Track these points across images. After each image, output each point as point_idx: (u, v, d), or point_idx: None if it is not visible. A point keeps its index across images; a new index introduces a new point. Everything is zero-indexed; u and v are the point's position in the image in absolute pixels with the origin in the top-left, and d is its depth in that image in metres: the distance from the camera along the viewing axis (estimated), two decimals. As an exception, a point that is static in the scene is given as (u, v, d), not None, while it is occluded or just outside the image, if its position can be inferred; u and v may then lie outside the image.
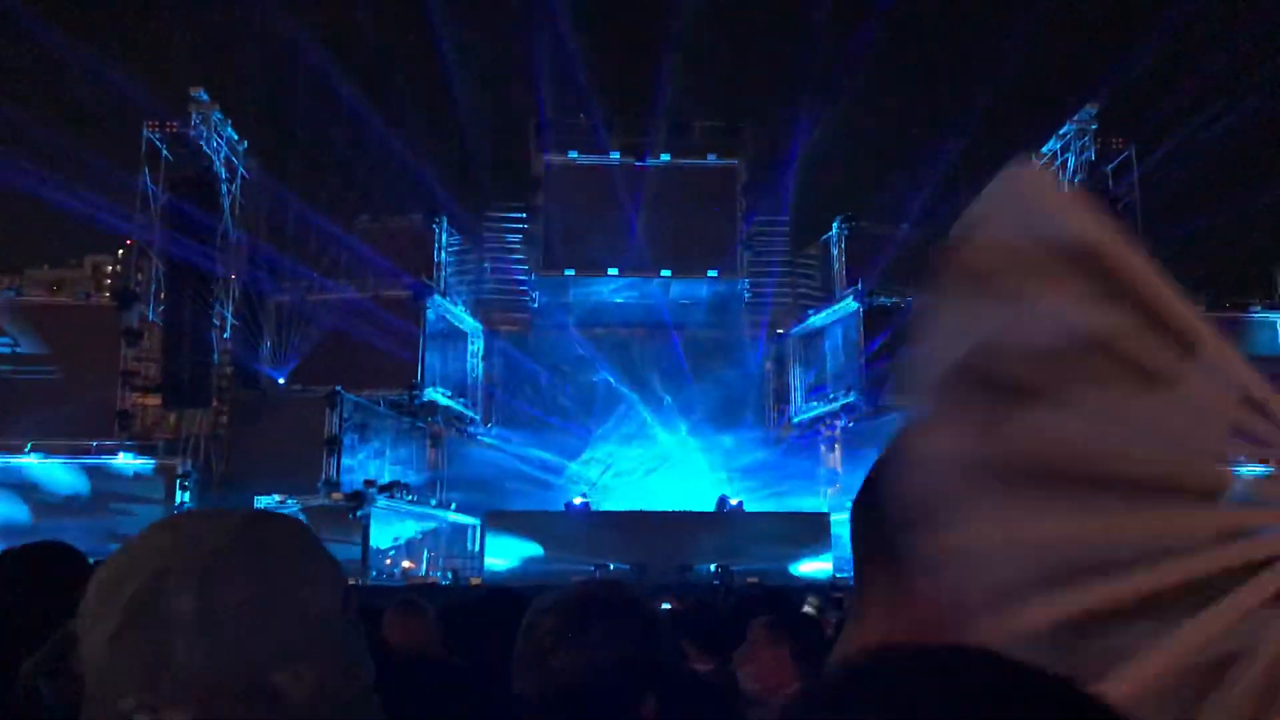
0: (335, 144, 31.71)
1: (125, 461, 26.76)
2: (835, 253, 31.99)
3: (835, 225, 31.99)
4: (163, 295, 27.70)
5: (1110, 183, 29.02)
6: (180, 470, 26.37)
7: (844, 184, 33.53)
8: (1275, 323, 29.80)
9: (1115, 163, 29.19)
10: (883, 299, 29.57)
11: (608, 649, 2.20)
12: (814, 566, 25.19)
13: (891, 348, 29.04)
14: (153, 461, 26.85)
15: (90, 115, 29.75)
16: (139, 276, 28.96)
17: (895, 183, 32.83)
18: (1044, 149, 30.45)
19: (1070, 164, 29.39)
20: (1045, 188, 0.86)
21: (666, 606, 10.30)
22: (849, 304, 30.14)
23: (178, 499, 26.04)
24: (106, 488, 26.20)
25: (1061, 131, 29.64)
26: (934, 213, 31.84)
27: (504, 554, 25.53)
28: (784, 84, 33.21)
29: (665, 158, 32.06)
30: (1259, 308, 30.03)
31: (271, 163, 30.86)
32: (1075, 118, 29.24)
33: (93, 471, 26.50)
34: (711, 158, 32.35)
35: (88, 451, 26.79)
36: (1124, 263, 0.81)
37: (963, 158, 31.72)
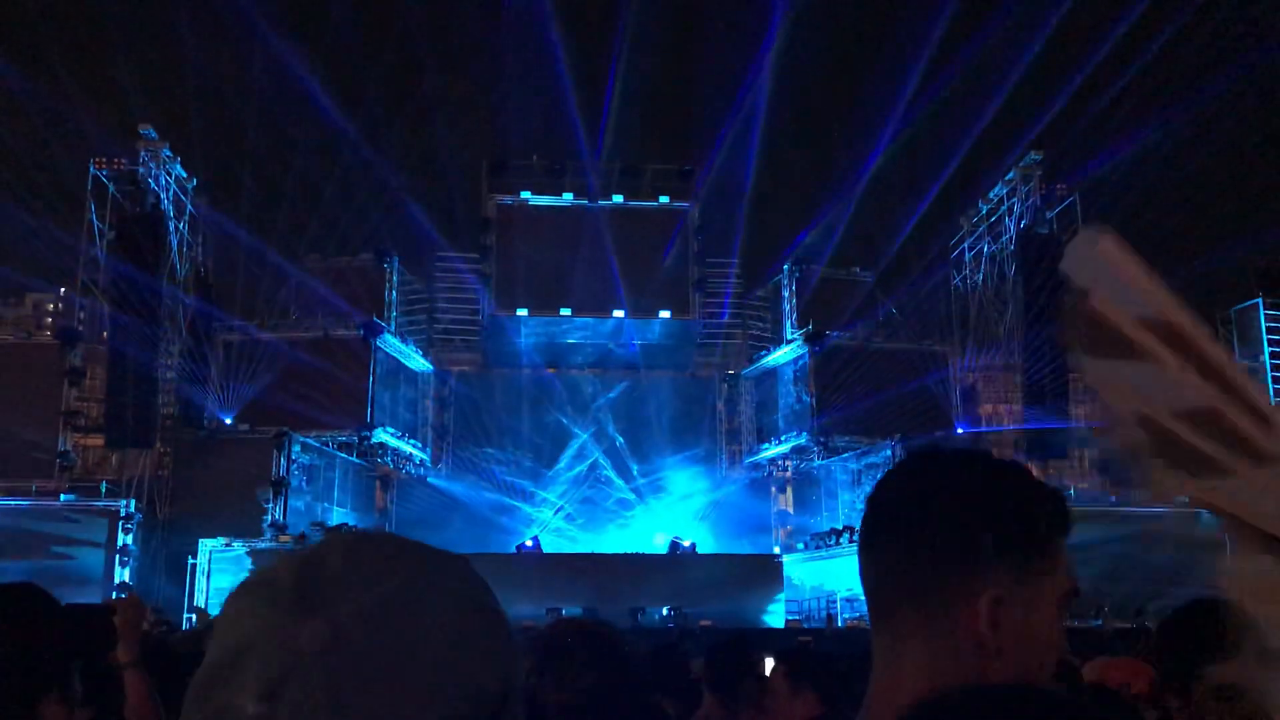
0: (286, 183, 31.55)
1: (66, 503, 26.16)
2: (785, 294, 32.23)
3: (785, 267, 32.26)
4: (106, 334, 27.28)
5: (1055, 227, 29.53)
6: (122, 512, 25.83)
7: (794, 227, 33.84)
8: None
9: (1059, 208, 29.71)
10: (833, 340, 29.81)
11: (586, 679, 2.20)
12: (768, 609, 25.17)
13: (840, 389, 29.28)
14: (94, 503, 26.27)
15: (34, 151, 29.34)
16: (82, 315, 28.50)
17: (844, 226, 33.20)
18: (990, 193, 30.97)
19: (1015, 209, 29.89)
20: (1123, 260, 0.89)
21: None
22: (799, 345, 30.33)
23: (120, 542, 25.51)
24: (46, 530, 25.60)
25: (1007, 177, 30.15)
26: (881, 256, 32.30)
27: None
28: (734, 127, 33.51)
29: (617, 199, 32.20)
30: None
31: (221, 201, 30.63)
32: (1020, 163, 29.76)
33: (32, 513, 25.88)
34: (663, 200, 32.54)
35: (27, 493, 26.19)
36: (1200, 340, 0.85)
37: (910, 202, 32.22)
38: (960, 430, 30.08)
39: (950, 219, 32.80)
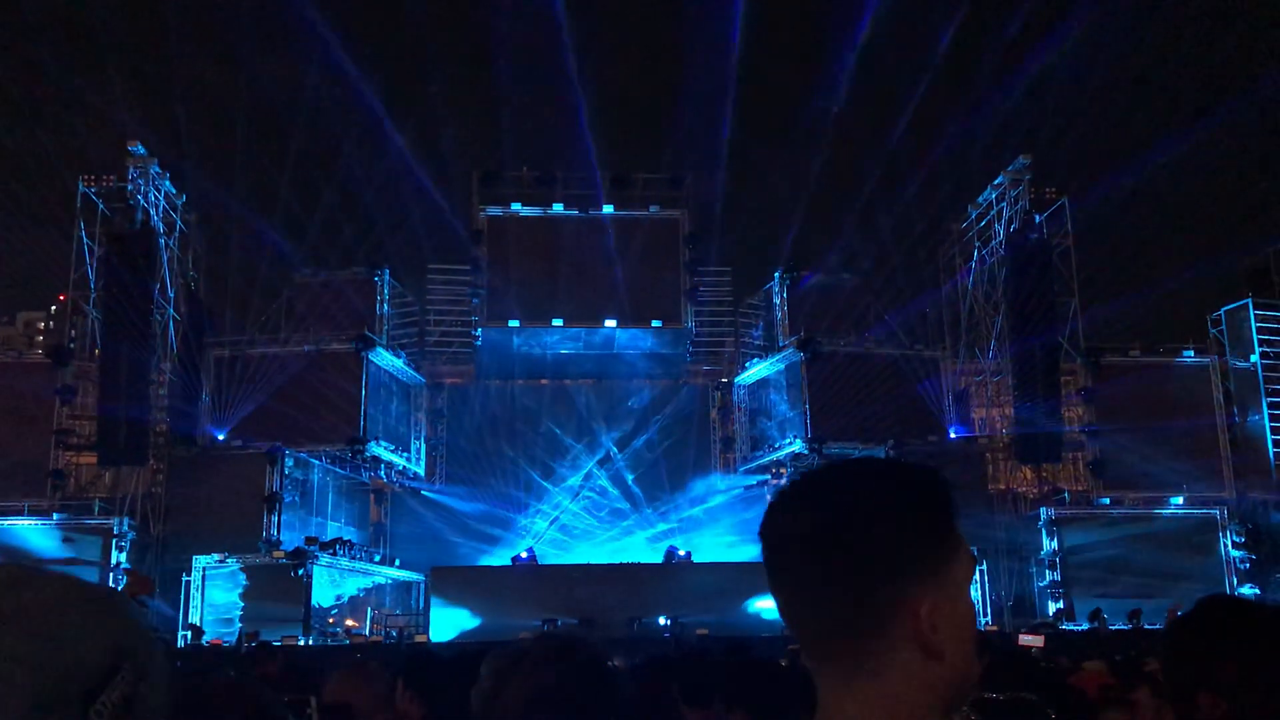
0: (276, 197, 31.51)
1: (59, 522, 26.07)
2: (777, 302, 32.24)
3: (776, 275, 32.28)
4: (98, 352, 27.22)
5: (1044, 231, 29.60)
6: (116, 530, 25.75)
7: (784, 235, 33.88)
8: (1207, 366, 30.45)
9: (1049, 211, 29.79)
10: (825, 346, 29.81)
11: (554, 702, 2.19)
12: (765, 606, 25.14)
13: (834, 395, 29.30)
14: (87, 521, 26.18)
15: (21, 168, 29.31)
16: (73, 333, 28.43)
17: (835, 233, 33.29)
18: (979, 198, 31.05)
19: (1005, 213, 29.96)
20: None
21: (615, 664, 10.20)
22: (792, 352, 30.33)
23: (114, 559, 25.42)
24: (40, 550, 25.50)
25: (996, 181, 30.22)
26: (874, 261, 32.34)
27: (450, 610, 25.16)
28: (725, 137, 33.60)
29: (608, 209, 32.20)
30: (1191, 352, 30.68)
31: (211, 216, 30.59)
32: (1009, 168, 29.83)
33: (25, 533, 25.79)
34: (654, 209, 32.55)
35: (19, 512, 26.10)
36: None
37: (901, 207, 32.30)
38: (953, 434, 30.10)
39: (941, 224, 32.90)
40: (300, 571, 24.87)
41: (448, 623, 24.89)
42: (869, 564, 1.28)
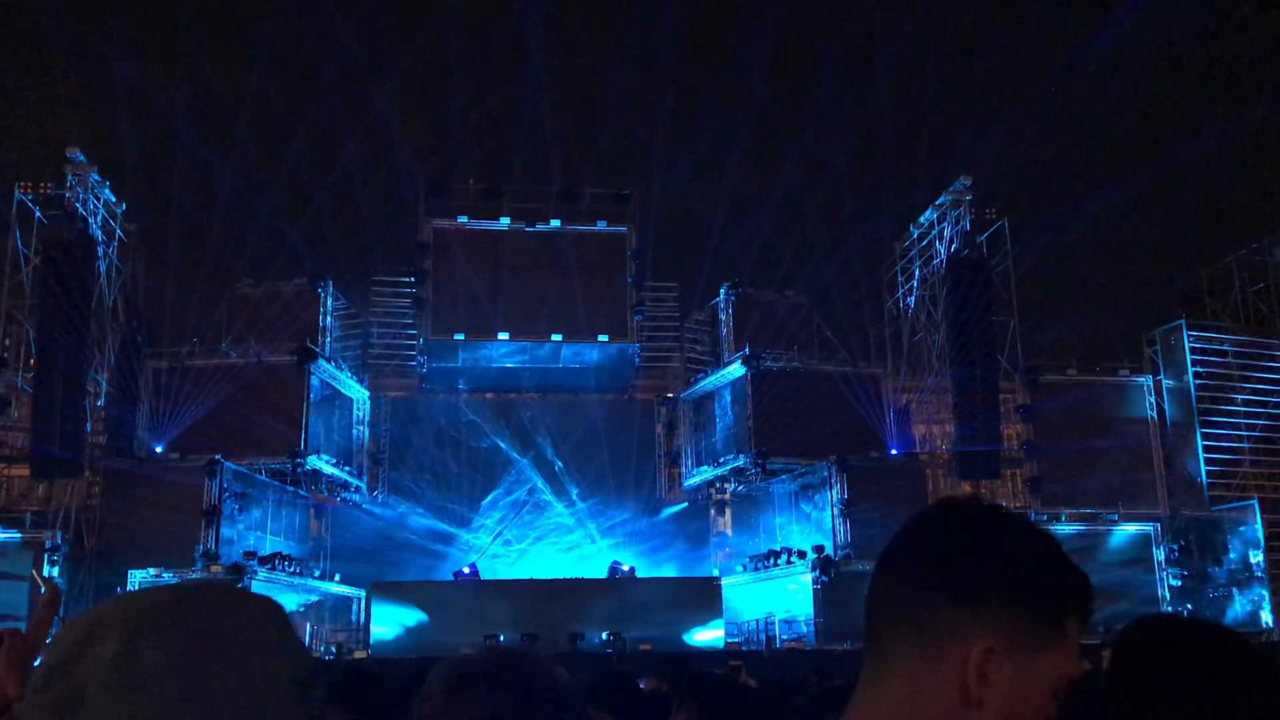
0: (218, 206, 31.14)
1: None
2: (723, 318, 32.42)
3: (722, 291, 32.46)
4: (33, 361, 26.69)
5: (984, 251, 30.05)
6: (49, 544, 25.19)
7: (730, 251, 34.10)
8: (1143, 386, 31.05)
9: (989, 232, 30.27)
10: (769, 363, 30.01)
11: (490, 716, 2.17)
12: (707, 634, 25.20)
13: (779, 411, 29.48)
14: (19, 535, 25.59)
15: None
16: (7, 342, 27.85)
17: (780, 250, 33.56)
18: (920, 218, 31.46)
19: (945, 233, 30.38)
20: None
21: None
22: (737, 368, 30.49)
23: (45, 573, 24.86)
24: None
25: (938, 201, 30.64)
26: (817, 279, 32.65)
27: (390, 626, 24.93)
28: (671, 153, 33.78)
29: (555, 223, 32.19)
30: (1127, 371, 31.28)
31: (151, 226, 30.15)
32: (950, 188, 30.26)
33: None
34: (601, 224, 32.58)
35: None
36: None
37: (845, 225, 32.66)
38: (894, 451, 30.39)
39: (883, 243, 33.32)
40: (238, 587, 24.48)
41: (388, 639, 24.65)
42: (965, 580, 1.31)
